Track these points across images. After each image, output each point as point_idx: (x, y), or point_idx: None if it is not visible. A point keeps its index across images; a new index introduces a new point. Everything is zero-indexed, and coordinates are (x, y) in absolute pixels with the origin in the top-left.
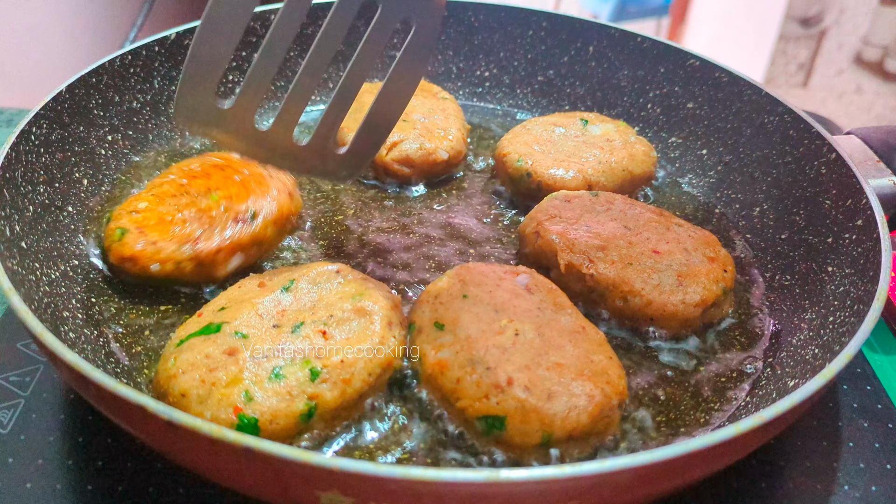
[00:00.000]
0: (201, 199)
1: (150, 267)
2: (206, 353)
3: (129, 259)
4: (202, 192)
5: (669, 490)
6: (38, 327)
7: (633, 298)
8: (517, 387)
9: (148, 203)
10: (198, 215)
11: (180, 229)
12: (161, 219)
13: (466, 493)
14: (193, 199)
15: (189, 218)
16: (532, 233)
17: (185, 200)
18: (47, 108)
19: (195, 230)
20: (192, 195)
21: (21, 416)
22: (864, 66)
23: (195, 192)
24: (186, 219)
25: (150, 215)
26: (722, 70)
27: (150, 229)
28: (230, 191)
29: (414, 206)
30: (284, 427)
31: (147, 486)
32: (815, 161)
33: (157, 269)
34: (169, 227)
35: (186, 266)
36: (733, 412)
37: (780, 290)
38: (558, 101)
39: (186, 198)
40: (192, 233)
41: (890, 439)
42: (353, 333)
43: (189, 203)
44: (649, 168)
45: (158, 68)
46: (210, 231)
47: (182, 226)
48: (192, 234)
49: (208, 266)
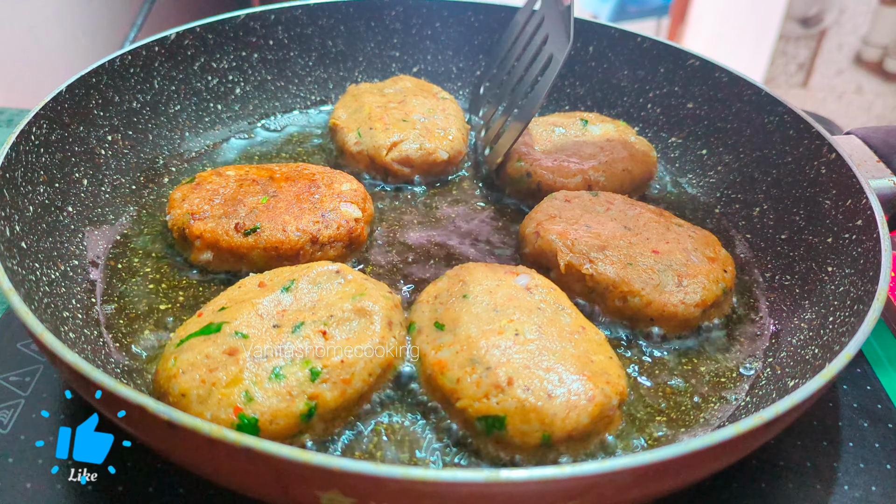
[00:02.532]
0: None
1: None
2: (206, 353)
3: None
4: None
5: (670, 490)
6: (38, 327)
7: (633, 298)
8: (517, 387)
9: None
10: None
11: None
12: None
13: (466, 493)
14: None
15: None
16: (532, 233)
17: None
18: (47, 108)
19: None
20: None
21: (21, 416)
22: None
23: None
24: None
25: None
26: (722, 70)
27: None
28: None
29: (414, 206)
30: (284, 427)
31: (147, 486)
32: (815, 161)
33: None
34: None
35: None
36: (733, 412)
37: (780, 290)
38: (558, 101)
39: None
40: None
41: (890, 439)
42: (353, 333)
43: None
44: (649, 168)
45: (158, 68)
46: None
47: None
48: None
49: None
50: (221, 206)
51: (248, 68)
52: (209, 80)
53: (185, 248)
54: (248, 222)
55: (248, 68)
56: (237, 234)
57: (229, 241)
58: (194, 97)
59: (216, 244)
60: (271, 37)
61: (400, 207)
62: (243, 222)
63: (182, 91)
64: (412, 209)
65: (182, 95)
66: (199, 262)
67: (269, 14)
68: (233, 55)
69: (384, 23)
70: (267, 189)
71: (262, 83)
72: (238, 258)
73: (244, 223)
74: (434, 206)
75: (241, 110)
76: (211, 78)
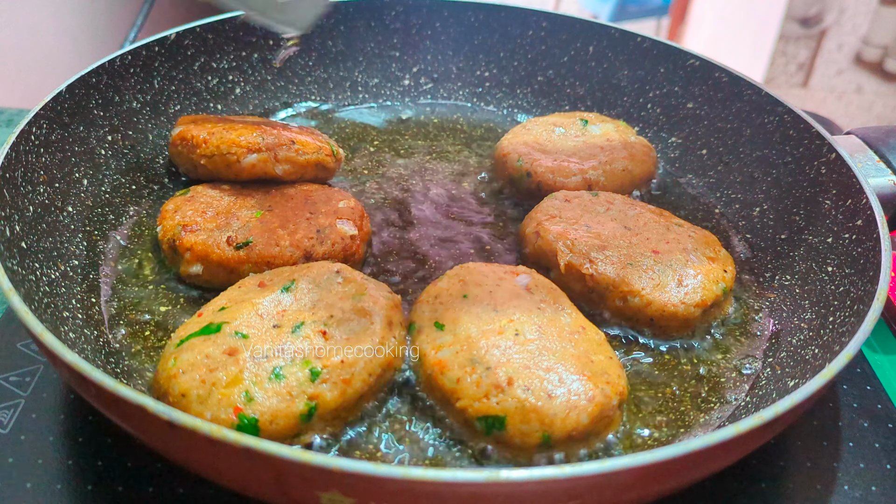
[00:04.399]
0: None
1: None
2: (206, 353)
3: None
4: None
5: (670, 490)
6: (38, 327)
7: (633, 298)
8: (517, 387)
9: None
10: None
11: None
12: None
13: (466, 493)
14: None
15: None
16: (532, 233)
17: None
18: (47, 108)
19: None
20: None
21: (21, 416)
22: (864, 66)
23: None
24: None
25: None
26: (722, 70)
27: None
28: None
29: (414, 206)
30: (284, 427)
31: (147, 486)
32: (815, 161)
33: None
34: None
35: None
36: (733, 412)
37: (780, 290)
38: (558, 101)
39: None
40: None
41: (890, 439)
42: (353, 333)
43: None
44: (649, 168)
45: (158, 68)
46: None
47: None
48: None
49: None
50: (214, 218)
51: (248, 68)
52: (209, 80)
53: (176, 261)
54: (241, 236)
55: (248, 68)
56: (229, 247)
57: (220, 255)
58: (194, 97)
59: (206, 257)
60: (271, 37)
61: (399, 208)
62: (235, 235)
63: (182, 91)
64: (412, 209)
65: (182, 95)
66: (188, 276)
67: None
68: (233, 55)
69: (384, 23)
70: (262, 203)
71: (262, 83)
72: (228, 272)
73: (236, 236)
74: (433, 206)
75: (241, 110)
76: (211, 78)
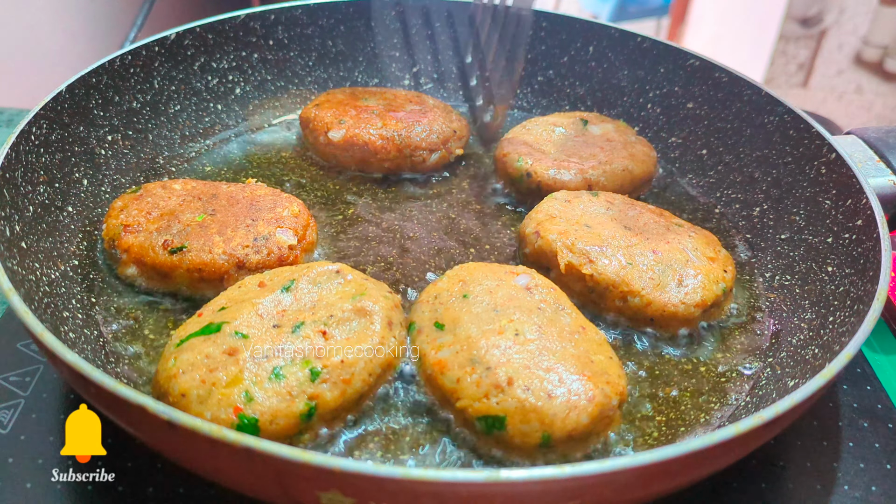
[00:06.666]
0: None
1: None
2: (206, 353)
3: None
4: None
5: (669, 490)
6: (38, 327)
7: (633, 298)
8: (517, 387)
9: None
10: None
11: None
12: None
13: (466, 493)
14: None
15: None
16: (532, 233)
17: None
18: (47, 108)
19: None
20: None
21: (21, 416)
22: (864, 66)
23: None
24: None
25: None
26: (722, 70)
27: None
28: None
29: (414, 206)
30: (284, 427)
31: (147, 486)
32: (815, 161)
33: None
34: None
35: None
36: (733, 412)
37: (780, 290)
38: (558, 101)
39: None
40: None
41: (890, 439)
42: (354, 333)
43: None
44: (649, 168)
45: (158, 68)
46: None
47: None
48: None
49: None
50: (157, 220)
51: (248, 68)
52: (209, 80)
53: (115, 261)
54: (177, 240)
55: (248, 68)
56: (163, 251)
57: (154, 258)
58: (194, 97)
59: (141, 259)
60: (271, 37)
61: (399, 208)
62: (172, 239)
63: (182, 91)
64: (412, 209)
65: (182, 95)
66: (125, 277)
67: (269, 14)
68: (233, 55)
69: (384, 23)
70: (207, 207)
71: (262, 83)
72: (163, 276)
73: (172, 240)
74: (433, 206)
75: (241, 110)
76: (211, 78)
